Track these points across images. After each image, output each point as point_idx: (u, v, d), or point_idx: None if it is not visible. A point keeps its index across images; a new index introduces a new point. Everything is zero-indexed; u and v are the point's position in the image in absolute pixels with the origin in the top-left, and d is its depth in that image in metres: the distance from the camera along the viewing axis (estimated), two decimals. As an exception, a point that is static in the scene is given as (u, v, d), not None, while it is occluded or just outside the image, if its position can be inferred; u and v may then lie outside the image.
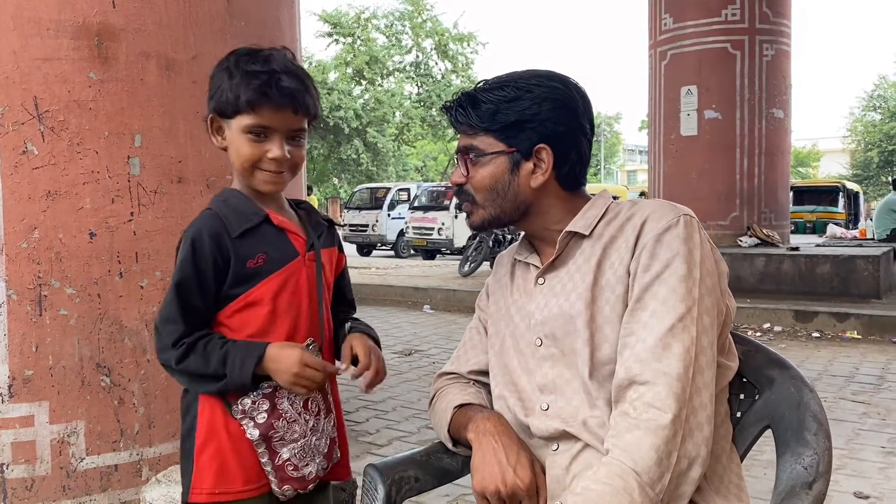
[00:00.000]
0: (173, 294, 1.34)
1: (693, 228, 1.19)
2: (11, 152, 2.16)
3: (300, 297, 1.41)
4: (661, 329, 1.12)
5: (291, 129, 1.37)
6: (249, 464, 1.37)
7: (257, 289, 1.37)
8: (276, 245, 1.39)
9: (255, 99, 1.32)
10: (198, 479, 1.36)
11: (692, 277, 1.15)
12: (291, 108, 1.34)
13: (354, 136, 31.52)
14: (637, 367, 1.12)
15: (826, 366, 5.44)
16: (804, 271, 7.62)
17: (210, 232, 1.35)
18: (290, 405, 1.38)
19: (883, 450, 3.59)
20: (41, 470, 2.20)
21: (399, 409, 4.38)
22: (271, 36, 2.73)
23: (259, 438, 1.35)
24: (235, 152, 1.37)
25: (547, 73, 1.30)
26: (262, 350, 1.32)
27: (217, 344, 1.34)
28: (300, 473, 1.39)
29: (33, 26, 2.16)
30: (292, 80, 1.34)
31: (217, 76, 1.38)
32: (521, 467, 1.23)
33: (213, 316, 1.39)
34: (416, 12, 33.50)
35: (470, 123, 1.29)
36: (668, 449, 1.07)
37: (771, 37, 8.85)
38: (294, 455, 1.38)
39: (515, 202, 1.30)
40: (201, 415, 1.38)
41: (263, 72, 1.32)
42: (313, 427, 1.42)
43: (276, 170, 1.36)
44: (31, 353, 2.18)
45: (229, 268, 1.35)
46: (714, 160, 8.89)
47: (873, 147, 39.55)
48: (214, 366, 1.32)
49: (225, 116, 1.37)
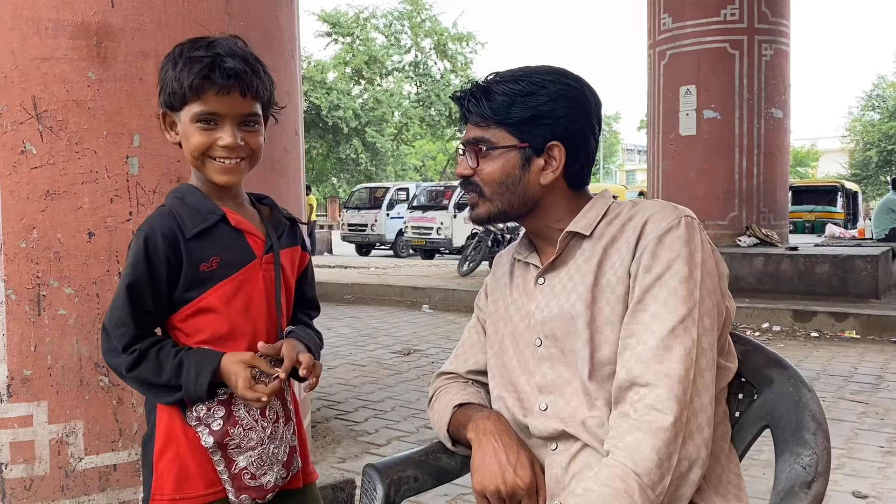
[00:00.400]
0: (124, 296, 1.28)
1: (694, 230, 1.19)
2: (10, 152, 2.16)
3: (257, 302, 1.36)
4: (663, 331, 1.12)
5: (242, 114, 1.30)
6: (210, 468, 1.33)
7: (209, 293, 1.31)
8: (231, 247, 1.34)
9: (199, 84, 1.26)
10: (157, 486, 1.33)
11: (693, 279, 1.15)
12: (238, 90, 1.28)
13: (353, 135, 31.53)
14: (638, 369, 1.12)
15: (825, 365, 5.44)
16: (803, 271, 7.63)
17: (164, 232, 1.29)
18: (246, 412, 1.34)
19: (881, 449, 3.59)
20: (40, 470, 2.20)
21: (398, 409, 4.38)
22: (270, 36, 2.73)
23: (214, 446, 1.31)
24: (186, 144, 1.32)
25: (561, 70, 1.30)
26: (217, 364, 1.28)
27: (170, 353, 1.29)
28: (258, 482, 1.35)
29: (32, 26, 2.16)
30: (237, 62, 1.28)
31: (164, 68, 1.33)
32: (521, 467, 1.23)
33: (164, 319, 1.34)
34: (415, 12, 33.50)
35: (482, 115, 1.27)
36: (668, 451, 1.07)
37: (770, 37, 8.86)
38: (251, 463, 1.34)
39: (524, 198, 1.29)
40: (159, 421, 1.34)
41: (206, 56, 1.27)
42: (271, 434, 1.37)
43: (228, 156, 1.30)
44: (30, 352, 2.18)
45: (182, 270, 1.30)
46: (713, 160, 8.90)
47: (872, 147, 39.58)
48: (168, 376, 1.28)
49: (174, 109, 1.32)
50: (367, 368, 5.53)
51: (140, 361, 1.28)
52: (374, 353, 6.08)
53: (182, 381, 1.27)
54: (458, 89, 1.33)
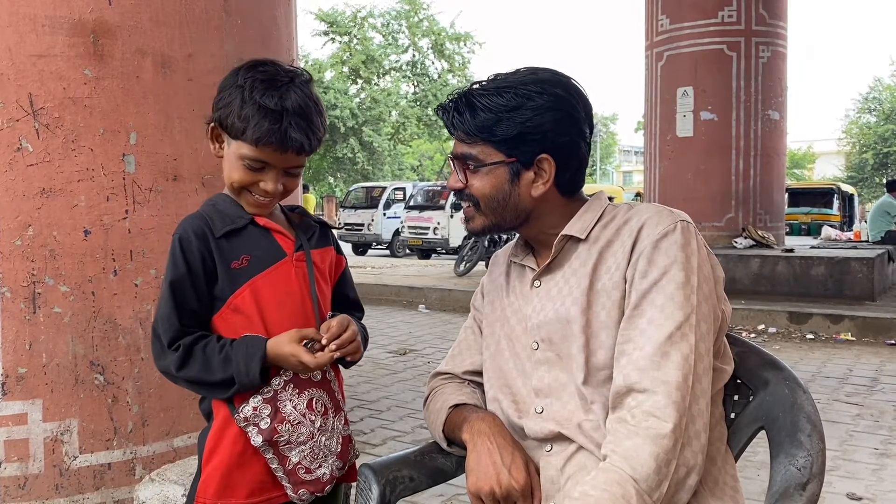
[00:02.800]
0: (168, 293, 1.33)
1: (690, 234, 1.19)
2: (6, 149, 2.15)
3: (291, 298, 1.38)
4: (660, 337, 1.12)
5: (290, 167, 1.36)
6: (254, 476, 1.35)
7: (243, 289, 1.34)
8: (261, 246, 1.38)
9: (262, 138, 1.29)
10: (202, 488, 1.35)
11: (690, 284, 1.14)
12: (296, 152, 1.33)
13: (350, 134, 31.51)
14: (635, 376, 1.12)
15: (820, 367, 5.45)
16: (799, 273, 7.64)
17: (195, 232, 1.34)
18: (292, 408, 1.36)
19: (876, 451, 3.60)
20: (34, 468, 2.20)
21: (393, 409, 4.38)
22: (267, 34, 2.72)
23: (264, 444, 1.33)
24: (229, 171, 1.36)
25: (548, 78, 1.26)
26: (263, 351, 1.30)
27: (215, 348, 1.31)
28: (313, 476, 1.37)
29: (28, 23, 2.16)
30: (301, 127, 1.31)
31: (228, 91, 1.34)
32: (516, 468, 1.23)
33: (208, 319, 1.37)
34: (412, 11, 33.50)
35: (467, 131, 1.25)
36: (667, 458, 1.07)
37: (767, 38, 8.87)
38: (304, 458, 1.36)
39: (516, 211, 1.28)
40: (215, 421, 1.37)
41: (275, 111, 1.29)
42: (321, 427, 1.39)
43: (265, 197, 1.36)
44: (25, 350, 2.18)
45: (216, 267, 1.34)
46: (710, 161, 8.91)
47: (868, 149, 39.67)
48: (217, 371, 1.30)
49: (227, 132, 1.35)
50: (362, 368, 5.52)
51: (187, 359, 1.31)
52: (371, 352, 6.08)
53: (234, 373, 1.30)
54: (442, 102, 1.30)
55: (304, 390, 1.37)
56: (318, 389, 1.39)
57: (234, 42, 2.52)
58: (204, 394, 1.37)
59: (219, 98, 1.36)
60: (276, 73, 1.33)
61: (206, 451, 1.36)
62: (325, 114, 1.39)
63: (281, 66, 1.36)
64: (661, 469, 1.07)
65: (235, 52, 2.47)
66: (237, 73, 1.35)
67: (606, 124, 56.86)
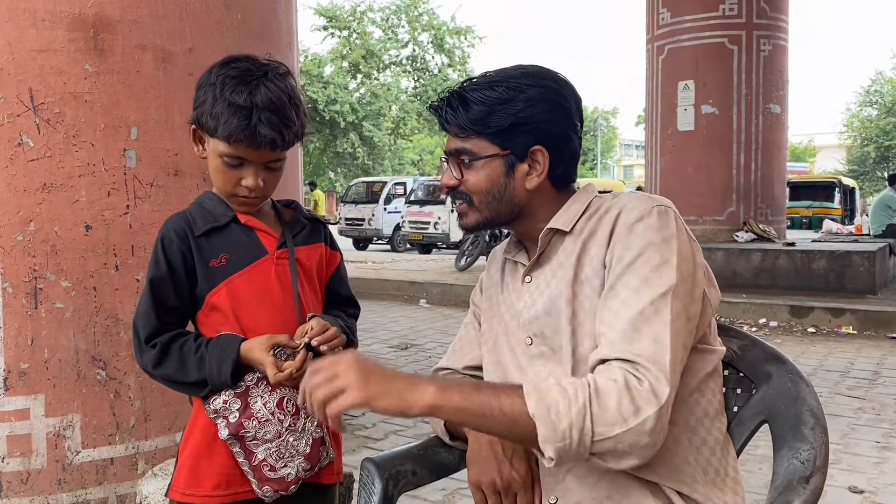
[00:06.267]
0: (147, 291, 1.35)
1: (669, 218, 1.17)
2: (7, 144, 2.15)
3: (272, 296, 1.39)
4: (631, 314, 1.10)
5: (268, 160, 1.36)
6: (221, 468, 1.36)
7: (220, 288, 1.36)
8: (241, 244, 1.39)
9: (233, 135, 1.30)
10: (176, 476, 1.39)
11: (667, 265, 1.13)
12: (269, 147, 1.32)
13: (350, 129, 31.46)
14: (606, 350, 1.10)
15: (821, 361, 5.45)
16: (800, 267, 7.64)
17: (176, 230, 1.37)
18: (262, 405, 1.36)
19: (877, 444, 3.61)
20: (37, 463, 2.20)
21: (395, 403, 4.38)
22: (267, 28, 2.72)
23: (230, 437, 1.35)
24: (211, 170, 1.38)
25: (537, 72, 1.27)
26: (236, 354, 1.32)
27: (191, 348, 1.34)
28: (278, 474, 1.37)
29: (28, 17, 2.15)
30: (272, 123, 1.29)
31: (203, 90, 1.35)
32: (517, 460, 1.23)
33: (189, 317, 1.40)
34: (412, 6, 33.43)
35: (461, 125, 1.25)
36: (630, 411, 1.03)
37: (768, 32, 8.86)
38: (270, 455, 1.37)
39: (511, 205, 1.27)
40: (193, 407, 1.41)
41: (244, 108, 1.28)
42: (290, 427, 1.38)
43: (248, 195, 1.37)
44: (27, 346, 2.18)
45: (196, 266, 1.36)
46: (711, 155, 8.90)
47: (870, 143, 39.63)
48: (192, 372, 1.33)
49: (204, 131, 1.36)
50: (364, 363, 5.51)
51: (163, 358, 1.34)
52: (372, 347, 6.08)
53: (206, 375, 1.32)
54: (433, 100, 1.30)
55: (277, 389, 1.38)
56: (291, 390, 1.38)
57: (234, 36, 2.52)
58: (181, 391, 1.39)
59: (195, 97, 1.37)
60: (249, 68, 1.33)
61: (183, 438, 1.40)
62: (302, 106, 1.38)
63: (256, 60, 1.36)
64: (618, 421, 1.02)
65: (236, 47, 2.46)
66: (211, 71, 1.35)
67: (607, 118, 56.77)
